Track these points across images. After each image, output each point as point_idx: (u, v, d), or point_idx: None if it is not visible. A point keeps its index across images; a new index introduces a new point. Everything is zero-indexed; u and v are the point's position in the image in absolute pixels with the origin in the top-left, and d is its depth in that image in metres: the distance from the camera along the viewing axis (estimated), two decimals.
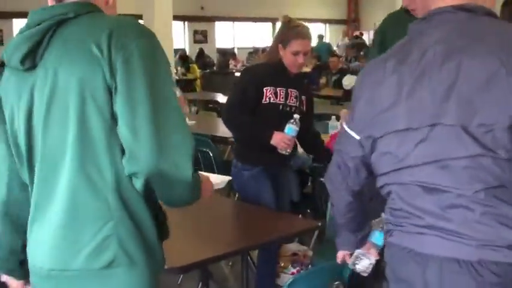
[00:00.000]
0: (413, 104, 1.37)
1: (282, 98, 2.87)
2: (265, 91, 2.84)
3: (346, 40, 17.94)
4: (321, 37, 16.87)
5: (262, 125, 2.84)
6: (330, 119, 4.47)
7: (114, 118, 1.29)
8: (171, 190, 1.33)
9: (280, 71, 2.90)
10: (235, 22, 17.79)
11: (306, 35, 2.89)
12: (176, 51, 12.51)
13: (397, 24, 2.56)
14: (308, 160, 3.76)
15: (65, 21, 1.34)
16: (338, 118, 4.45)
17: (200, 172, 1.58)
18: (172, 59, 8.78)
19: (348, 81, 6.95)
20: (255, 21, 17.73)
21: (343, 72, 8.22)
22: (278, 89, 2.87)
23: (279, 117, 2.83)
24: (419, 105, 1.36)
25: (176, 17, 12.89)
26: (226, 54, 14.32)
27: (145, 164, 1.27)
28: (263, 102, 2.84)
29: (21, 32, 1.37)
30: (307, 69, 11.34)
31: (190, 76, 12.06)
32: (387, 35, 2.62)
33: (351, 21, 20.53)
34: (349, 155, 1.56)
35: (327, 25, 20.12)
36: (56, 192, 1.35)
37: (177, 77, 10.51)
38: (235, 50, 16.14)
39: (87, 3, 1.40)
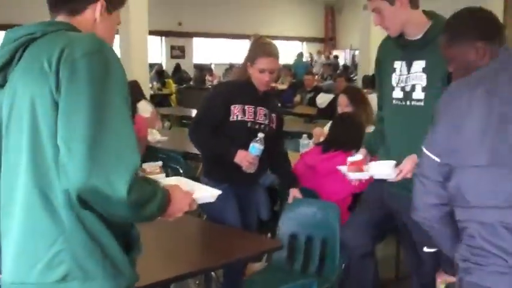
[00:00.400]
0: (501, 139, 1.34)
1: (251, 115, 2.87)
2: (232, 109, 2.84)
3: (323, 58, 18.13)
4: (300, 55, 17.04)
5: (227, 143, 2.83)
6: (301, 137, 4.47)
7: None
8: (108, 208, 1.30)
9: (249, 88, 2.90)
10: (212, 38, 17.84)
11: (271, 53, 2.89)
12: (153, 65, 12.48)
13: (388, 49, 2.59)
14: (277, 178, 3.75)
15: (34, 40, 1.37)
16: (310, 136, 4.47)
17: (185, 180, 1.59)
18: (147, 73, 8.74)
19: (322, 99, 7.00)
20: (233, 38, 17.80)
21: (317, 91, 8.27)
22: (246, 106, 2.87)
23: (247, 134, 2.82)
24: (507, 142, 1.32)
25: (154, 32, 12.93)
26: (203, 70, 14.34)
27: (75, 180, 1.25)
28: (231, 119, 2.84)
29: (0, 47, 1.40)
30: (283, 87, 11.43)
31: (165, 91, 12.02)
32: (381, 62, 2.64)
33: (328, 39, 20.77)
34: (429, 179, 1.53)
35: (304, 43, 20.32)
36: (13, 206, 1.37)
37: (152, 92, 10.46)
38: (212, 66, 16.16)
39: (61, 22, 1.43)
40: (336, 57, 17.97)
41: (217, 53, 17.98)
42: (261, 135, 2.79)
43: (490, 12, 1.85)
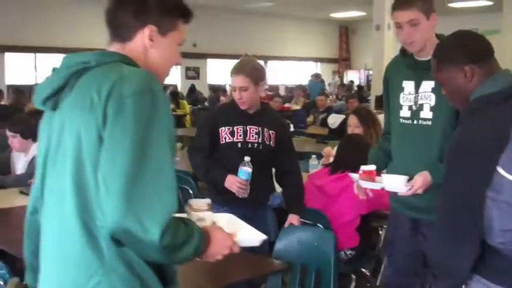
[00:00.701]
0: None
1: (240, 136, 2.89)
2: (220, 132, 2.87)
3: (337, 79, 18.17)
4: (317, 76, 17.16)
5: (219, 167, 2.84)
6: (311, 157, 4.47)
7: None
8: (140, 250, 1.30)
9: (236, 109, 2.92)
10: (227, 59, 17.98)
11: (234, 71, 2.89)
12: (167, 87, 12.60)
13: (397, 68, 2.61)
14: None
15: (87, 69, 1.38)
16: (320, 156, 4.46)
17: (234, 218, 1.60)
18: None
19: (333, 120, 7.00)
20: None
21: (330, 111, 8.28)
22: (235, 127, 2.89)
23: (239, 155, 2.81)
24: None
25: None
26: (218, 91, 14.42)
27: (110, 219, 1.24)
28: (221, 142, 2.87)
29: (54, 73, 1.43)
30: (296, 107, 11.47)
31: (180, 112, 12.10)
32: (389, 81, 2.66)
33: (342, 60, 20.81)
34: (505, 202, 1.51)
35: (319, 63, 20.37)
36: (57, 234, 1.38)
37: None
38: (227, 87, 16.26)
39: (115, 53, 1.43)
40: (352, 82, 17.99)
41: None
42: (247, 158, 2.76)
43: (477, 35, 1.89)
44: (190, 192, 4.23)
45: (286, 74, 18.78)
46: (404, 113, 2.54)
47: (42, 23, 13.34)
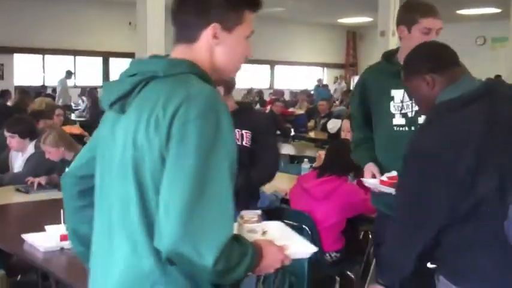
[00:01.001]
0: None
1: None
2: None
3: (344, 84, 18.19)
4: (319, 81, 17.30)
5: None
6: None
7: None
8: (193, 272, 1.31)
9: None
10: None
11: None
12: None
13: (380, 76, 2.64)
14: (275, 201, 3.81)
15: (155, 77, 1.37)
16: (313, 160, 4.52)
17: (284, 227, 1.61)
18: None
19: (332, 124, 7.04)
20: (254, 63, 18.00)
21: (331, 116, 8.33)
22: None
23: None
24: None
25: None
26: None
27: (166, 242, 1.25)
28: None
29: (122, 77, 1.42)
30: (300, 112, 11.51)
31: None
32: (370, 89, 2.67)
33: (349, 65, 20.82)
34: None
35: (325, 69, 20.41)
36: (117, 238, 1.39)
37: None
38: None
39: (183, 62, 1.40)
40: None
41: (239, 78, 18.18)
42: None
43: (440, 45, 1.97)
44: None
45: (293, 78, 18.86)
46: (398, 120, 2.55)
47: (51, 25, 13.52)
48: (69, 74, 13.09)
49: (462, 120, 1.79)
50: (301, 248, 1.62)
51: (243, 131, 3.06)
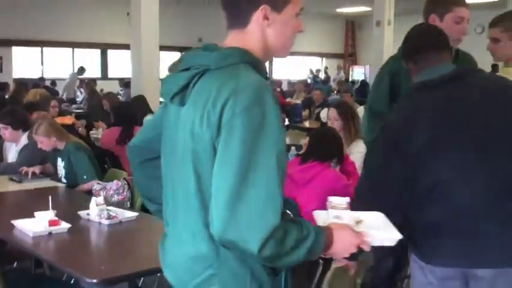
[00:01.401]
0: None
1: None
2: None
3: (342, 74, 18.21)
4: (310, 71, 17.39)
5: None
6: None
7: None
8: (245, 257, 1.39)
9: None
10: None
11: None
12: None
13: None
14: None
15: (207, 70, 1.44)
16: (300, 148, 4.59)
17: (382, 217, 1.64)
18: (157, 89, 9.01)
19: (325, 113, 7.10)
20: None
21: (325, 105, 8.40)
22: None
23: None
24: None
25: (171, 48, 13.23)
26: None
27: (216, 229, 1.33)
28: None
29: (178, 70, 1.50)
30: (298, 102, 11.58)
31: None
32: (399, 74, 2.62)
33: (348, 55, 20.82)
34: None
35: (324, 59, 20.41)
36: (175, 228, 1.53)
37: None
38: None
39: (235, 51, 1.45)
40: (353, 82, 18.12)
41: None
42: None
43: (414, 31, 2.07)
44: None
45: (291, 69, 18.87)
46: None
47: (49, 17, 13.56)
48: (81, 70, 13.13)
49: (423, 101, 1.90)
50: (384, 234, 1.62)
51: None
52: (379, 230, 1.61)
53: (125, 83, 11.82)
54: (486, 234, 1.83)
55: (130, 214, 3.11)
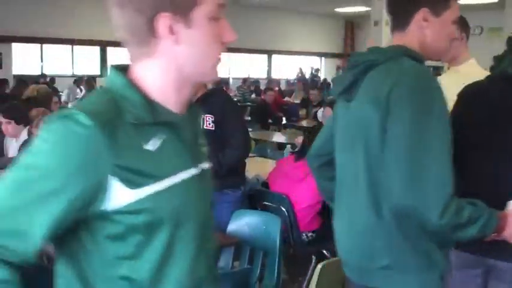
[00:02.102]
0: None
1: None
2: None
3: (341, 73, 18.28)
4: (317, 71, 17.44)
5: None
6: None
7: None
8: (421, 225, 1.49)
9: None
10: (232, 53, 18.17)
11: None
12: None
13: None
14: (256, 184, 3.97)
15: (374, 65, 1.60)
16: (294, 146, 4.69)
17: None
18: None
19: (321, 113, 7.17)
20: (252, 53, 18.10)
21: (322, 104, 8.47)
22: None
23: None
24: None
25: None
26: (221, 83, 14.60)
27: (395, 196, 1.46)
28: None
29: (347, 69, 1.67)
30: (296, 101, 11.64)
31: None
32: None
33: (347, 55, 20.85)
34: None
35: (323, 58, 20.47)
36: (355, 205, 1.65)
37: None
38: (230, 80, 16.46)
39: (396, 46, 1.61)
40: None
41: (236, 67, 18.31)
42: None
43: None
44: None
45: (291, 68, 18.95)
46: None
47: (49, 14, 13.62)
48: (79, 80, 12.75)
49: None
50: None
51: (206, 116, 3.11)
52: None
53: None
54: None
55: None
